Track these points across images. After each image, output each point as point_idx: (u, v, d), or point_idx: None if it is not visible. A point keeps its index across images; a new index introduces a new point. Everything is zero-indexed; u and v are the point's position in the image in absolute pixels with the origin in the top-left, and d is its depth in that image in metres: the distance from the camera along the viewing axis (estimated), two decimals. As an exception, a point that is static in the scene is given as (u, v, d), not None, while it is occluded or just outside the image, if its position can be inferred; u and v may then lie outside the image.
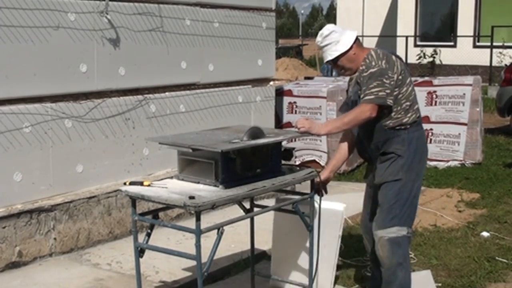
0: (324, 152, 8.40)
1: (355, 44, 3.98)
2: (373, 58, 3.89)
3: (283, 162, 4.05)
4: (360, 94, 3.88)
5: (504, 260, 5.19)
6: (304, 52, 36.15)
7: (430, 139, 8.66)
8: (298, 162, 8.14)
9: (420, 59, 17.75)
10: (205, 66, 6.70)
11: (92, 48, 5.54)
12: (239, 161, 3.68)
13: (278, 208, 4.14)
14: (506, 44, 19.37)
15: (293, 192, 4.42)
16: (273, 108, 7.75)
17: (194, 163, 3.75)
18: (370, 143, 4.03)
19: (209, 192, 3.53)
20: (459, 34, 21.77)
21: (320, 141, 8.42)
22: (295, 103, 8.69)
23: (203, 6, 6.61)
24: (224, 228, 3.48)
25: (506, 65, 14.20)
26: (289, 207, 3.99)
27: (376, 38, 24.58)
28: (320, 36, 4.00)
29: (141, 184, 3.70)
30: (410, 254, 4.42)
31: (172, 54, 6.30)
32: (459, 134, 8.64)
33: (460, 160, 8.64)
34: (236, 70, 7.11)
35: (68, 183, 5.46)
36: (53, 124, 5.29)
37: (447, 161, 8.65)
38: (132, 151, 5.99)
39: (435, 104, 8.69)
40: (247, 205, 4.22)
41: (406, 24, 22.81)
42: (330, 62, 4.05)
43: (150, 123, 6.14)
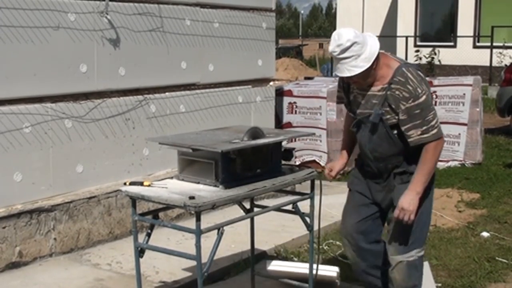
0: (324, 152, 8.40)
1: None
2: (414, 83, 3.48)
3: (283, 162, 4.05)
4: (392, 119, 3.55)
5: (504, 260, 5.19)
6: (304, 52, 36.21)
7: (430, 139, 8.65)
8: (298, 162, 8.14)
9: (417, 60, 17.75)
10: (205, 66, 6.70)
11: (92, 48, 5.54)
12: (239, 161, 3.68)
13: (278, 208, 4.14)
14: (507, 44, 19.37)
15: (293, 192, 4.42)
16: (273, 108, 7.75)
17: (194, 163, 3.75)
18: (383, 159, 3.71)
19: (209, 192, 3.53)
20: (459, 34, 21.78)
21: (320, 141, 8.42)
22: (295, 103, 8.69)
23: (203, 6, 6.61)
24: (224, 228, 3.48)
25: (506, 65, 14.19)
26: (289, 207, 3.99)
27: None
28: (337, 46, 3.43)
29: (141, 184, 3.70)
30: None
31: (172, 54, 6.30)
32: (459, 134, 8.65)
33: (460, 160, 8.65)
34: (236, 70, 7.11)
35: (68, 183, 5.46)
36: (53, 124, 5.29)
37: (447, 161, 8.65)
38: (132, 151, 5.99)
39: (435, 104, 8.65)
40: (247, 205, 4.22)
41: (406, 24, 22.82)
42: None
43: (150, 123, 6.14)
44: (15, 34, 4.95)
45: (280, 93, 8.59)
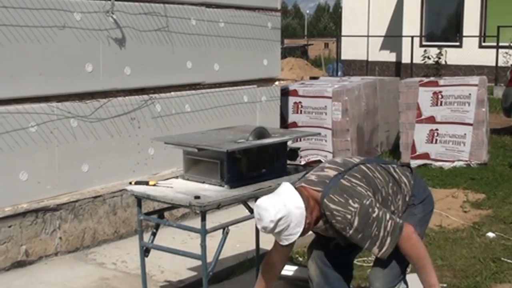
0: (329, 152, 8.40)
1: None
2: (340, 212, 3.21)
3: (288, 162, 4.05)
4: (351, 240, 3.30)
5: (509, 261, 5.17)
6: (310, 52, 36.18)
7: (436, 140, 8.64)
8: (303, 162, 8.14)
9: (424, 60, 17.71)
10: (210, 66, 6.71)
11: (98, 47, 5.55)
12: (245, 161, 3.68)
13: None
14: (513, 44, 19.32)
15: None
16: (278, 108, 7.75)
17: (199, 163, 3.75)
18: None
19: (214, 192, 3.54)
20: (465, 34, 21.70)
21: (326, 141, 8.41)
22: (300, 103, 8.68)
23: (208, 6, 6.61)
24: (229, 228, 3.48)
25: (512, 65, 14.16)
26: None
27: (382, 38, 24.56)
28: (263, 228, 3.21)
29: (146, 183, 3.71)
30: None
31: (178, 54, 6.30)
32: (465, 135, 8.62)
33: (466, 161, 8.62)
34: (241, 70, 7.11)
35: (74, 183, 5.47)
36: (58, 124, 5.30)
37: (453, 161, 8.62)
38: (137, 151, 5.99)
39: (441, 104, 8.67)
40: (252, 204, 4.21)
41: (412, 24, 22.76)
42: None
43: (156, 123, 6.14)
44: (21, 33, 4.96)
45: (285, 92, 8.59)
